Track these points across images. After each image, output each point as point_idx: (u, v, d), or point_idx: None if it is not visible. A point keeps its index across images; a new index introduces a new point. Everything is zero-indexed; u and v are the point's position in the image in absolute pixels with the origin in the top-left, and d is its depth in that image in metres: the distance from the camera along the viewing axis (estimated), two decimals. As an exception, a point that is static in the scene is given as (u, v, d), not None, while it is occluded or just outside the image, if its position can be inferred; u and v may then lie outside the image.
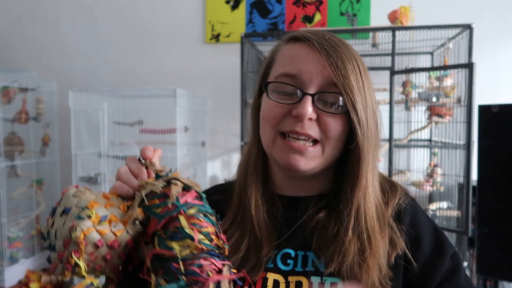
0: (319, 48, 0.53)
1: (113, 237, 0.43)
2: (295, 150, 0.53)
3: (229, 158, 2.20)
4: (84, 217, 0.42)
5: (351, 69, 0.53)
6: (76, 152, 1.75)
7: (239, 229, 0.57)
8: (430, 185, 1.65)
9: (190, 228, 0.43)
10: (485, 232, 1.37)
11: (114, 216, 0.44)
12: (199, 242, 0.43)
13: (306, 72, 0.53)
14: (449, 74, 1.58)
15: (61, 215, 0.43)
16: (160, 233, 0.44)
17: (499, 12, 1.92)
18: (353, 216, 0.54)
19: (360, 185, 0.54)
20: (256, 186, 0.59)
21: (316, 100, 0.53)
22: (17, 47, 2.39)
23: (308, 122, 0.52)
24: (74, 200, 0.44)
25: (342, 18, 2.05)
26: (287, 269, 0.55)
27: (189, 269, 0.41)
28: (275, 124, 0.54)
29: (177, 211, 0.44)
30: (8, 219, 1.78)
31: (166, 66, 2.23)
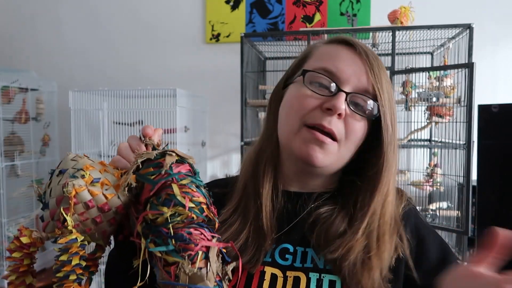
0: (364, 55, 0.55)
1: (104, 199, 0.44)
2: (317, 140, 0.53)
3: (229, 158, 2.20)
4: (77, 176, 0.43)
5: (385, 79, 0.56)
6: (76, 152, 1.75)
7: (241, 218, 0.58)
8: (430, 185, 1.65)
9: (181, 196, 0.44)
10: (485, 232, 1.37)
11: (107, 180, 0.45)
12: (190, 210, 0.44)
13: (345, 71, 0.55)
14: (449, 74, 1.58)
15: (57, 175, 0.46)
16: (152, 200, 0.45)
17: (499, 12, 1.92)
18: (367, 219, 0.54)
19: (381, 191, 0.55)
20: (269, 178, 0.59)
21: (349, 99, 0.54)
22: (17, 47, 2.39)
23: (335, 119, 0.53)
24: (72, 163, 0.46)
25: (342, 18, 2.05)
26: (286, 264, 0.55)
27: (178, 233, 0.42)
28: (303, 114, 0.55)
29: (170, 178, 0.45)
30: (8, 219, 1.78)
31: (166, 66, 2.23)
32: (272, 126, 0.61)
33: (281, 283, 0.53)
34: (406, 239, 0.55)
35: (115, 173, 0.47)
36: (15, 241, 0.43)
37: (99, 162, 0.47)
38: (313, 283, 0.52)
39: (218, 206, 0.61)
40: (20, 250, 0.44)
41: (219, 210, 0.59)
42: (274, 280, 0.53)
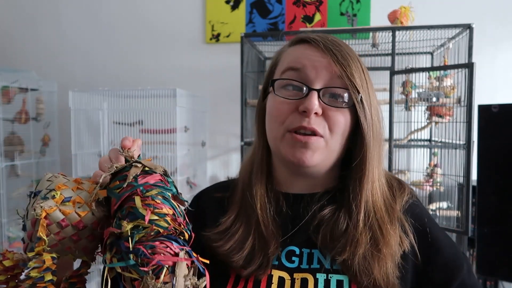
0: (324, 48, 0.55)
1: (77, 217, 0.44)
2: (300, 142, 0.54)
3: (229, 158, 2.20)
4: (48, 197, 0.43)
5: (355, 67, 0.55)
6: (76, 152, 1.75)
7: (244, 226, 0.58)
8: (430, 185, 1.65)
9: (143, 208, 0.43)
10: (485, 232, 1.37)
11: (79, 197, 0.45)
12: (152, 222, 0.43)
13: (311, 67, 0.55)
14: (449, 74, 1.58)
15: (33, 197, 0.46)
16: (117, 214, 0.45)
17: (499, 12, 1.92)
18: (362, 208, 0.55)
19: (368, 178, 0.56)
20: (261, 185, 0.60)
21: (322, 95, 0.54)
22: (17, 47, 2.39)
23: (314, 117, 0.54)
24: (47, 183, 0.46)
25: (342, 18, 2.05)
26: (293, 266, 0.55)
27: (138, 248, 0.41)
28: (282, 121, 0.55)
29: (133, 190, 0.44)
30: (8, 219, 1.78)
31: (166, 66, 2.23)
32: (258, 136, 0.62)
33: (288, 285, 0.53)
34: (411, 233, 0.55)
35: (89, 189, 0.47)
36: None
37: (74, 180, 0.47)
38: (320, 284, 0.52)
39: (219, 209, 0.61)
40: (5, 273, 0.44)
41: (222, 214, 0.60)
42: (281, 283, 0.53)
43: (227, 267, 0.55)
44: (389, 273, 0.51)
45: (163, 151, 1.70)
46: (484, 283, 1.68)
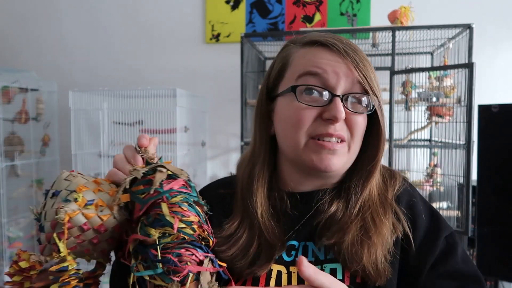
0: (344, 54, 0.54)
1: (99, 221, 0.43)
2: (329, 150, 0.54)
3: (229, 158, 2.20)
4: (70, 200, 0.43)
5: (371, 71, 0.56)
6: (76, 152, 1.75)
7: (247, 232, 0.57)
8: (430, 185, 1.65)
9: (171, 215, 0.43)
10: (485, 232, 1.37)
11: (101, 200, 0.44)
12: (180, 231, 0.43)
13: (332, 72, 0.54)
14: (449, 74, 1.58)
15: (51, 197, 0.45)
16: (142, 219, 0.44)
17: (499, 12, 1.92)
18: (359, 202, 0.57)
19: (372, 179, 0.58)
20: (262, 189, 0.59)
21: (344, 101, 0.54)
22: (17, 47, 2.39)
23: (339, 124, 0.54)
24: (65, 183, 0.45)
25: (342, 18, 2.05)
26: (289, 260, 0.55)
27: (166, 257, 0.41)
28: (305, 128, 0.54)
29: (159, 197, 0.44)
30: (8, 219, 1.78)
31: (166, 66, 2.23)
32: (260, 143, 0.60)
33: (285, 279, 0.53)
34: (404, 220, 0.56)
35: (110, 191, 0.46)
36: (14, 266, 0.43)
37: (93, 181, 0.46)
38: None
39: (223, 206, 0.61)
40: (20, 274, 0.43)
41: (226, 212, 0.60)
42: (279, 277, 0.54)
43: (230, 273, 0.55)
44: (379, 261, 0.52)
45: (163, 151, 1.70)
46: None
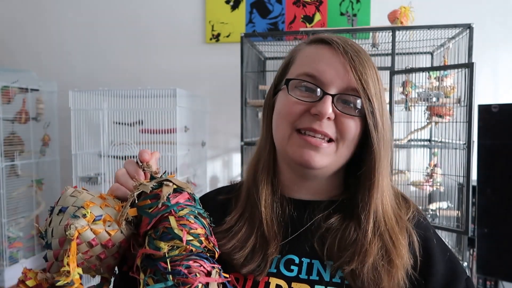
0: (343, 52, 0.54)
1: (107, 236, 0.44)
2: (311, 145, 0.53)
3: (229, 158, 2.20)
4: (79, 216, 0.43)
5: (371, 75, 0.54)
6: (76, 152, 1.75)
7: (247, 225, 0.57)
8: (430, 185, 1.65)
9: (179, 228, 0.43)
10: (485, 232, 1.37)
11: (109, 216, 0.44)
12: (188, 243, 0.43)
13: (328, 73, 0.54)
14: (449, 74, 1.58)
15: (58, 213, 0.44)
16: (150, 233, 0.45)
17: (499, 12, 1.92)
18: (371, 218, 0.54)
19: (378, 187, 0.55)
20: (266, 185, 0.59)
21: (336, 101, 0.53)
22: (17, 47, 2.39)
23: (326, 121, 0.53)
24: (71, 199, 0.45)
25: (342, 18, 2.05)
26: (291, 275, 0.54)
27: (176, 269, 0.42)
28: (292, 120, 0.55)
29: (167, 211, 0.44)
30: (8, 219, 1.78)
31: (166, 66, 2.23)
32: (266, 134, 0.61)
33: None
34: (416, 246, 0.54)
35: (116, 206, 0.46)
36: (21, 285, 0.43)
37: (99, 196, 0.47)
38: None
39: (223, 212, 0.61)
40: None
41: (223, 216, 0.59)
42: None
43: (227, 269, 0.55)
44: (401, 285, 0.50)
45: (163, 151, 1.70)
46: (484, 283, 1.68)
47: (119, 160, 1.73)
